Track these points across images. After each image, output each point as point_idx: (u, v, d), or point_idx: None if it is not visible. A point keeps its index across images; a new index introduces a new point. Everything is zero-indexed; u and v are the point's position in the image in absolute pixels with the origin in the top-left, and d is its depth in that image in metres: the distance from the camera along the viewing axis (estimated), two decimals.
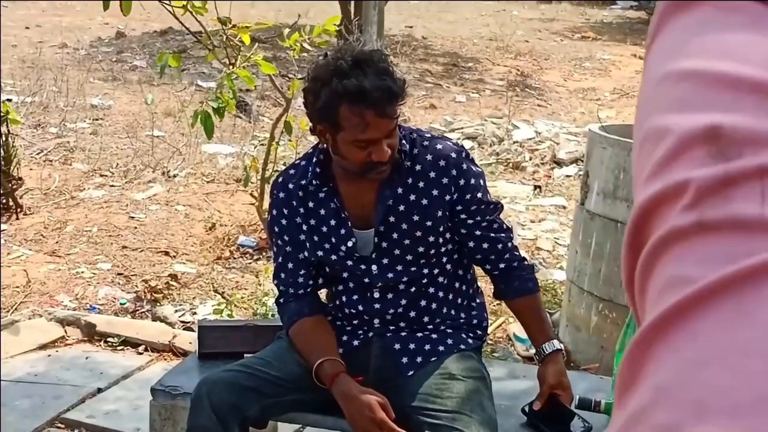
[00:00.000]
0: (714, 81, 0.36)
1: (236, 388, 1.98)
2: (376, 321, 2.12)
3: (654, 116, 0.38)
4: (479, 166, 2.12)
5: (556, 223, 5.15)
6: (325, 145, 2.02)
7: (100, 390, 3.14)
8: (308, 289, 2.14)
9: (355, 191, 2.06)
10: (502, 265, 2.10)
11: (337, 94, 1.86)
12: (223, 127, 5.99)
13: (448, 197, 2.03)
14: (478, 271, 2.23)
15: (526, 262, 2.16)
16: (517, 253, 2.13)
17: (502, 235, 2.09)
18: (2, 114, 4.73)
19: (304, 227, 2.09)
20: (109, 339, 3.51)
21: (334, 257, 2.09)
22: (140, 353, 3.43)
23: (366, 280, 2.08)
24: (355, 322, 2.14)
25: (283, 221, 2.11)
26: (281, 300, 2.18)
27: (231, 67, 3.47)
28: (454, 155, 2.03)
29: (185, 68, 8.69)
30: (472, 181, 2.04)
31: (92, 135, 6.70)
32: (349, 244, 2.06)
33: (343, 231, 2.06)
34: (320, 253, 2.09)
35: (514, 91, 8.87)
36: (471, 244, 2.08)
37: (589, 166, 3.43)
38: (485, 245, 2.08)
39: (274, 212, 2.13)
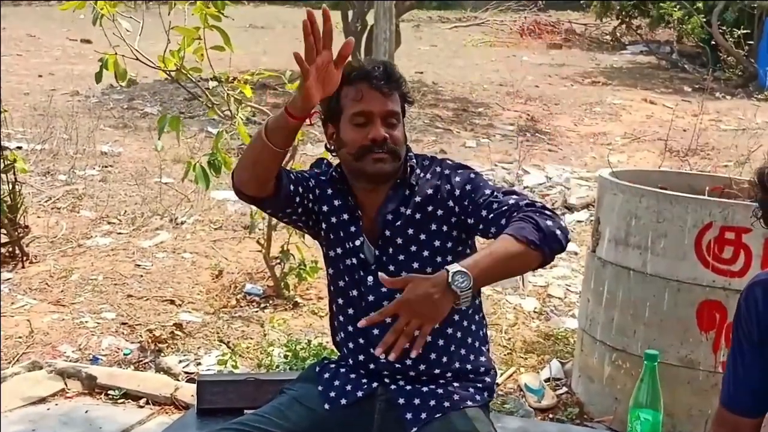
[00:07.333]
0: None
1: None
2: (383, 369, 2.03)
3: None
4: (475, 172, 2.07)
5: (568, 269, 5.07)
6: (333, 151, 2.07)
7: None
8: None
9: (367, 205, 2.06)
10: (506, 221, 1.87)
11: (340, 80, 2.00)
12: None
13: (440, 212, 2.01)
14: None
15: (535, 211, 1.85)
16: (524, 203, 1.89)
17: (506, 198, 1.93)
18: (10, 162, 4.73)
19: (321, 207, 2.07)
20: (109, 392, 3.44)
21: (339, 250, 2.06)
22: (141, 406, 3.35)
23: (362, 288, 2.03)
24: (362, 371, 2.07)
25: (312, 174, 2.10)
26: None
27: (230, 120, 3.51)
28: (447, 171, 2.05)
29: (195, 115, 8.74)
30: (457, 179, 2.02)
31: (101, 182, 6.71)
32: (357, 242, 2.04)
33: (353, 228, 2.05)
34: (332, 235, 2.07)
35: (525, 136, 8.85)
36: (481, 226, 1.94)
37: (600, 213, 3.37)
38: (491, 216, 1.92)
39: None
